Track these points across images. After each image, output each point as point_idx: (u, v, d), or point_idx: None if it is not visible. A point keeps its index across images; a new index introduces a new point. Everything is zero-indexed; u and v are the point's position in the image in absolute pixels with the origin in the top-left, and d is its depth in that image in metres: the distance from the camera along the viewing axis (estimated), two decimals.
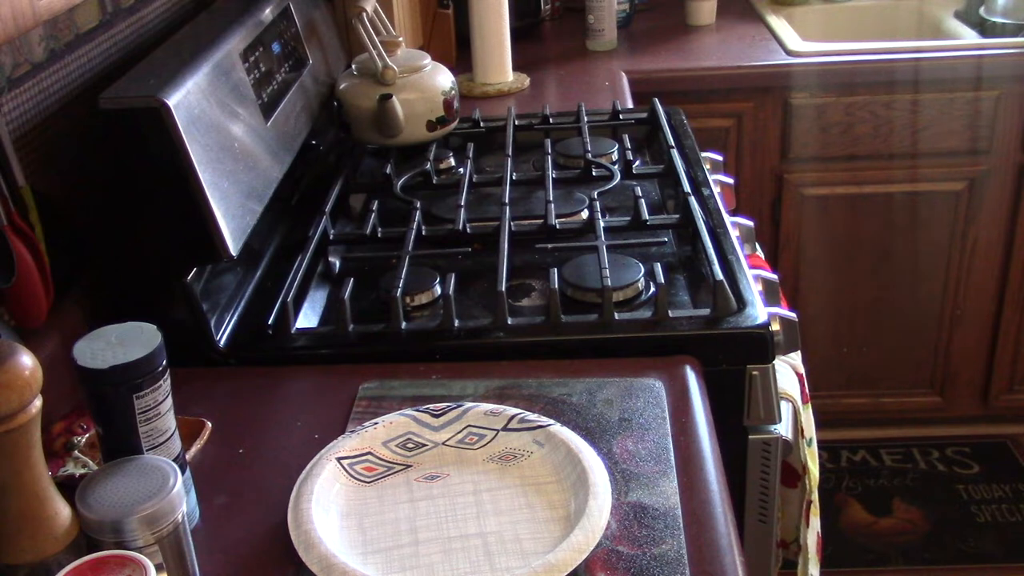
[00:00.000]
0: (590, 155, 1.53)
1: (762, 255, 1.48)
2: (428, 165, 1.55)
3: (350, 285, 1.19)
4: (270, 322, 1.17)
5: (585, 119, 1.68)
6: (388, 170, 1.53)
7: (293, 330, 1.16)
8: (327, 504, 0.88)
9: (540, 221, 1.34)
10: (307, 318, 1.22)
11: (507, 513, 0.87)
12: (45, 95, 1.13)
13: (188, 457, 0.91)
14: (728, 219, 1.36)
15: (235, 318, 1.19)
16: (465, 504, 0.89)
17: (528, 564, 0.80)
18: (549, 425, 0.95)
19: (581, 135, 1.62)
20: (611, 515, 0.86)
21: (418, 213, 1.38)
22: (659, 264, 1.19)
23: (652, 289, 1.20)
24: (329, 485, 0.90)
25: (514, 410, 0.97)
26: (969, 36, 2.30)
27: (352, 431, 0.96)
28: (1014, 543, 2.19)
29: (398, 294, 1.17)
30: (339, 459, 0.93)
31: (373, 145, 1.64)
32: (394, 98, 1.53)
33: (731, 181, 1.58)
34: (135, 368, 0.79)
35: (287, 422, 1.03)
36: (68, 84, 1.18)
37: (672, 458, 0.93)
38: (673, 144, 1.56)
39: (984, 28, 2.32)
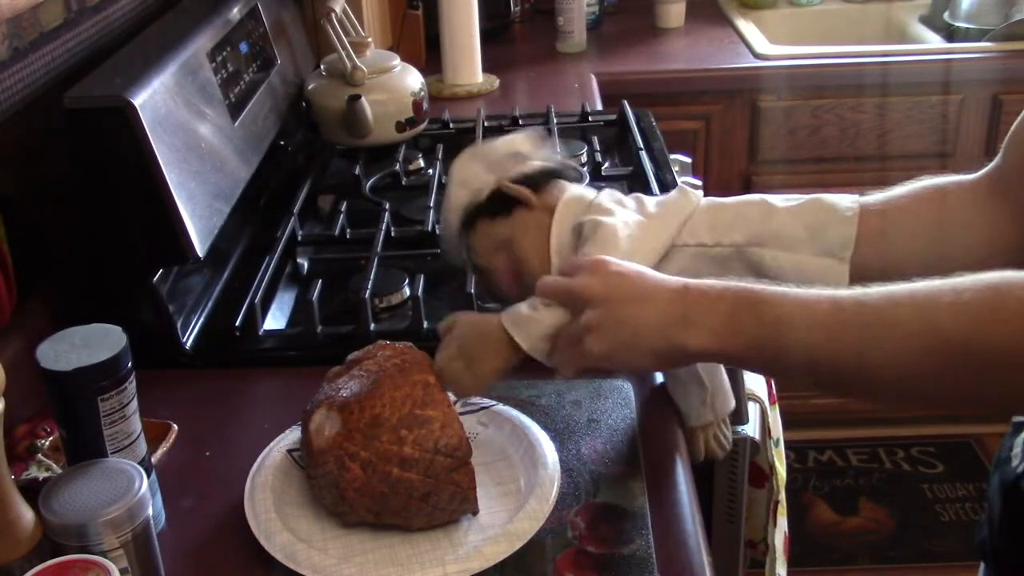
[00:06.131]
0: (560, 157, 1.53)
1: None
2: (397, 166, 1.54)
3: (318, 286, 1.19)
4: (237, 324, 1.16)
5: (554, 121, 1.69)
6: (357, 171, 1.53)
7: (261, 332, 1.16)
8: (281, 494, 0.88)
9: None
10: (275, 320, 1.22)
11: None
12: (8, 94, 1.12)
13: (154, 460, 0.91)
14: None
15: (202, 320, 1.18)
16: None
17: (487, 536, 0.82)
18: (492, 405, 0.97)
19: (550, 137, 1.62)
20: (579, 515, 0.86)
21: (387, 214, 1.38)
22: None
23: None
24: (283, 476, 0.90)
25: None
26: (934, 41, 2.32)
27: (299, 424, 0.96)
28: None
29: (367, 295, 1.16)
30: (289, 451, 0.93)
31: (342, 146, 1.63)
32: (363, 99, 1.53)
33: (699, 183, 1.59)
34: (100, 370, 0.78)
35: (254, 424, 1.02)
36: (32, 83, 1.17)
37: (640, 459, 0.93)
38: (642, 146, 1.56)
39: (949, 33, 2.35)
